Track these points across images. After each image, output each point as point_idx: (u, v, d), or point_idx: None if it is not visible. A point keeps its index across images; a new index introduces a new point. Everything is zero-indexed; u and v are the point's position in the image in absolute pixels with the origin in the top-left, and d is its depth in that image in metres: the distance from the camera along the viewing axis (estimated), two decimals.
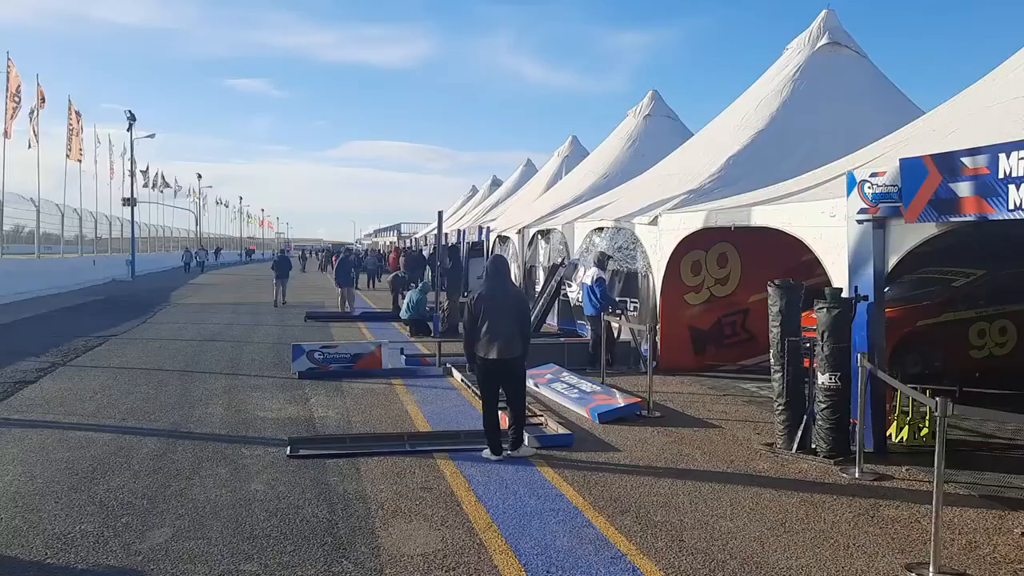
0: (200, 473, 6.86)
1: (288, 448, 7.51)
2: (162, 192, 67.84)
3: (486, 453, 7.39)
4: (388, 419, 9.04)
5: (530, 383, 10.66)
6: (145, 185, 60.11)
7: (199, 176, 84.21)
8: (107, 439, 7.99)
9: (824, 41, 14.81)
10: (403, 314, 17.71)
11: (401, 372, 12.00)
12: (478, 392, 8.16)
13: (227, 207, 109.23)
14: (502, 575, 4.82)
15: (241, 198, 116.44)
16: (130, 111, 45.16)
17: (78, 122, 38.97)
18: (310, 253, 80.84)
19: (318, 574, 4.80)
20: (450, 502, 6.14)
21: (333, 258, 42.95)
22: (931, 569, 4.81)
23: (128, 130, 46.04)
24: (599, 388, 10.25)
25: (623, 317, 13.02)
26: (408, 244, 53.81)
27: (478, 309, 7.41)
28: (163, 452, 7.51)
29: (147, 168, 60.97)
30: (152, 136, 52.44)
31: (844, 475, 6.91)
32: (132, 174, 47.54)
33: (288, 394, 10.40)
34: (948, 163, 6.21)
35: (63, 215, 33.73)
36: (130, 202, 45.52)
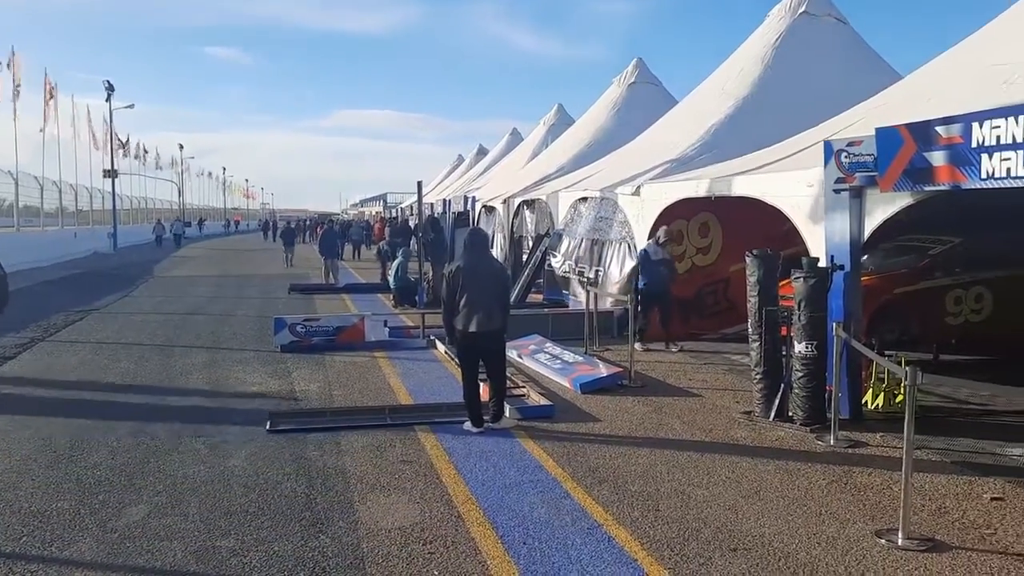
0: (179, 449, 6.86)
1: (268, 423, 7.51)
2: (144, 163, 67.18)
3: (467, 425, 7.42)
4: (370, 392, 9.05)
5: (513, 354, 10.72)
6: (126, 156, 59.49)
7: (181, 147, 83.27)
8: (86, 416, 7.96)
9: (804, 8, 14.73)
10: (391, 282, 17.67)
11: (384, 344, 11.99)
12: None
13: (211, 178, 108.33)
14: (479, 547, 4.86)
15: (224, 169, 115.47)
16: (108, 81, 44.48)
17: (53, 94, 38.36)
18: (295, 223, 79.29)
19: (295, 549, 4.83)
20: (430, 475, 6.18)
21: (317, 228, 42.81)
22: (900, 535, 4.88)
23: (107, 100, 45.40)
24: (582, 359, 10.30)
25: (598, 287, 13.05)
26: (394, 214, 53.66)
27: (456, 282, 7.40)
28: (141, 428, 7.51)
29: (127, 139, 60.28)
30: (131, 107, 51.38)
31: (820, 443, 6.99)
32: (112, 145, 46.96)
33: (269, 368, 10.40)
34: (923, 132, 6.21)
35: (42, 188, 33.38)
36: (111, 174, 44.93)
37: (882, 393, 7.94)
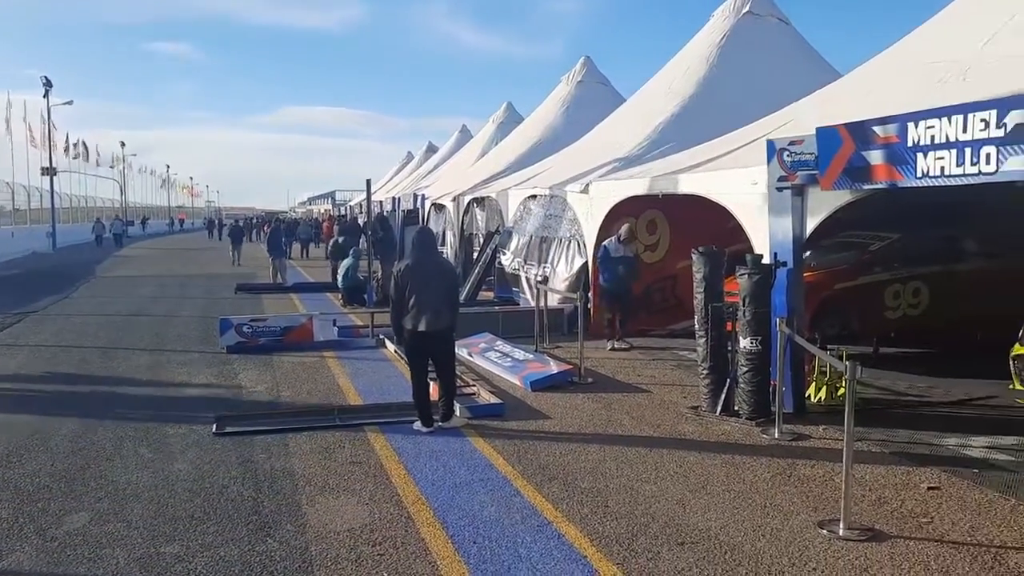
0: (121, 454, 6.71)
1: (214, 425, 7.39)
2: (86, 160, 65.39)
3: (417, 425, 7.40)
4: (318, 393, 8.96)
5: (464, 352, 10.71)
6: (66, 153, 57.87)
7: (122, 144, 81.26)
8: (24, 421, 7.74)
9: (748, 8, 15.00)
10: (340, 283, 17.51)
11: (334, 344, 11.88)
12: None
13: (154, 175, 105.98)
14: (429, 548, 4.86)
15: (168, 166, 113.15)
16: (46, 77, 43.24)
17: None
18: (243, 222, 77.20)
19: (242, 554, 4.77)
20: (379, 476, 6.14)
21: (264, 227, 42.19)
22: (841, 526, 5.01)
23: (44, 96, 44.14)
24: (533, 356, 10.33)
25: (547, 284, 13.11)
26: (343, 212, 53.13)
27: (405, 282, 7.37)
28: (83, 433, 7.32)
29: (67, 136, 58.68)
30: (70, 103, 50.02)
31: (764, 436, 7.12)
32: (50, 142, 45.64)
33: (215, 370, 10.22)
34: (861, 132, 6.37)
35: None
36: (49, 171, 43.69)
37: (824, 387, 8.12)
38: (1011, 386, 7.23)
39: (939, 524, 5.15)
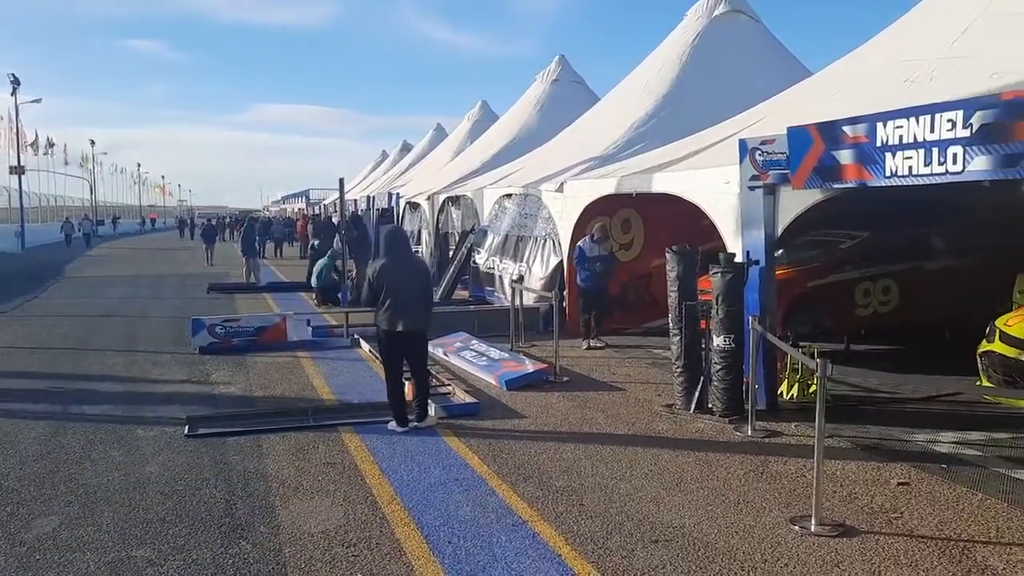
0: (92, 457, 6.63)
1: (186, 427, 7.32)
2: (52, 158, 64.41)
3: (392, 425, 7.37)
4: (292, 393, 8.91)
5: (439, 351, 10.69)
6: (35, 151, 56.96)
7: (92, 143, 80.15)
8: None
9: (721, 8, 15.11)
10: (313, 282, 17.41)
11: (308, 344, 11.81)
12: None
13: (124, 174, 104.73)
14: (403, 548, 4.84)
15: (139, 165, 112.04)
16: (13, 74, 42.56)
17: None
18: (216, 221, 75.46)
19: (215, 556, 4.73)
20: (354, 476, 6.12)
21: (237, 226, 41.81)
22: (813, 522, 5.07)
23: (12, 94, 43.47)
24: (508, 355, 10.33)
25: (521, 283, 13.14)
26: (317, 211, 52.77)
27: (379, 283, 7.34)
28: (52, 435, 7.22)
29: (36, 134, 57.74)
30: (39, 101, 49.27)
31: (738, 433, 7.18)
32: (19, 141, 44.90)
33: (187, 371, 10.12)
34: (831, 132, 6.43)
35: None
36: (17, 170, 43.07)
37: (796, 384, 8.20)
38: (978, 382, 7.34)
39: (908, 519, 5.22)
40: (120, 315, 15.90)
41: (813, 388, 8.12)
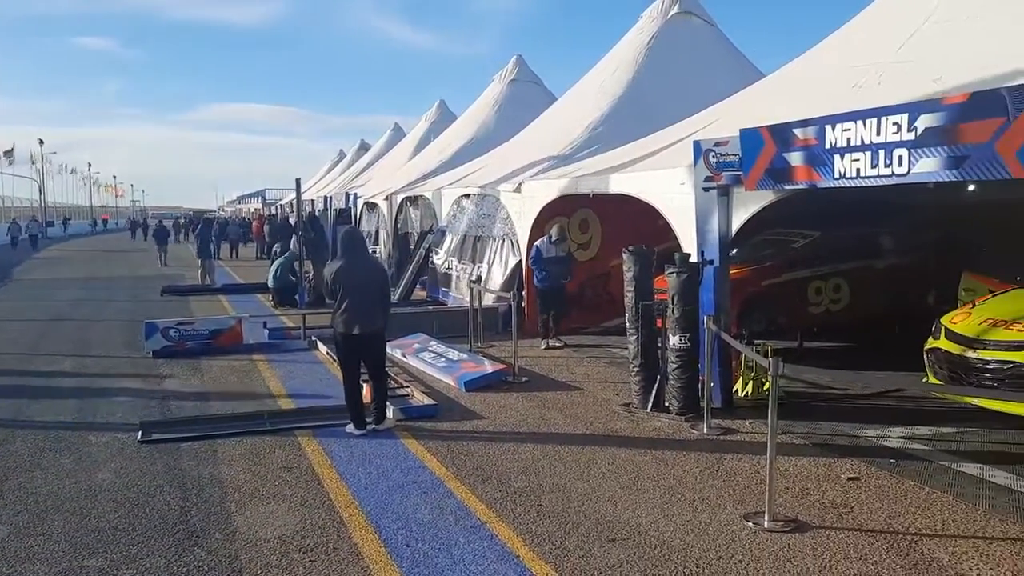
0: (42, 464, 6.49)
1: (139, 433, 7.20)
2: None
3: (350, 428, 7.33)
4: (249, 397, 8.81)
5: (397, 353, 10.66)
6: None
7: (41, 142, 78.18)
8: None
9: (675, 10, 15.28)
10: (270, 283, 17.22)
11: (264, 347, 11.68)
12: None
13: (75, 174, 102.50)
14: (361, 553, 4.83)
15: (90, 164, 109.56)
16: None
17: None
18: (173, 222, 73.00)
19: (168, 564, 4.66)
20: (311, 481, 6.07)
21: (192, 227, 41.17)
22: (766, 518, 5.16)
23: None
24: (467, 356, 10.33)
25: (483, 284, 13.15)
26: (274, 211, 52.18)
27: (336, 285, 7.29)
28: (0, 443, 7.05)
29: None
30: None
31: (694, 431, 7.27)
32: None
33: (141, 375, 9.94)
34: (782, 134, 6.55)
35: None
36: None
37: (751, 382, 8.32)
38: (925, 379, 7.53)
39: (858, 513, 5.34)
40: (71, 319, 15.57)
41: (767, 386, 8.25)
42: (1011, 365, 6.65)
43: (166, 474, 6.22)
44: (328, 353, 10.78)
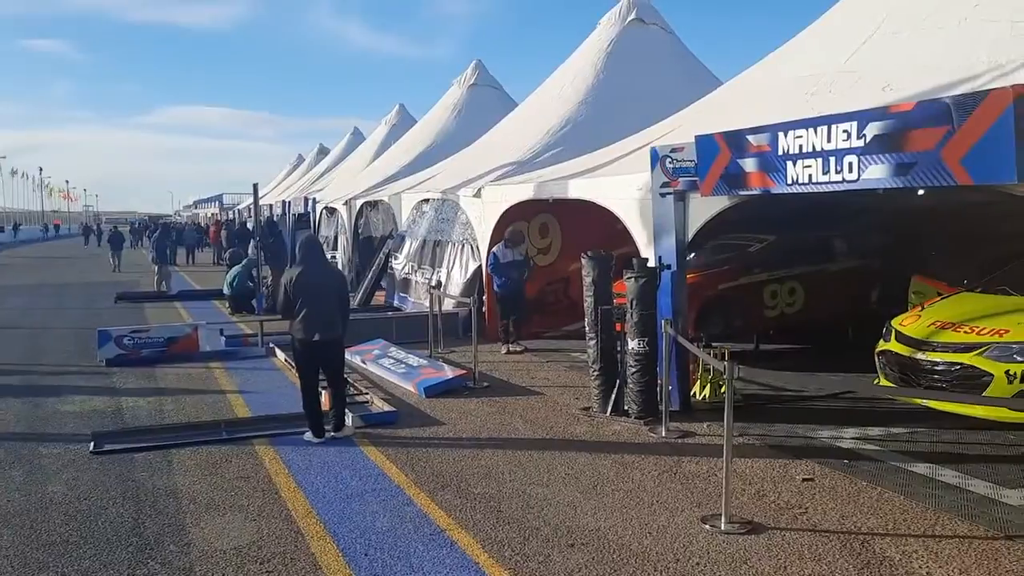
0: None
1: (92, 444, 7.06)
2: None
3: (308, 436, 7.27)
4: (205, 406, 8.68)
5: (357, 359, 10.59)
6: None
7: None
8: None
9: (632, 17, 15.42)
10: (225, 289, 17.00)
11: (221, 355, 11.52)
12: None
13: (25, 179, 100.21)
14: (319, 563, 4.79)
15: (41, 169, 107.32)
16: None
17: None
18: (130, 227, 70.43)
19: None
20: (268, 490, 6.01)
21: (147, 233, 40.50)
22: (723, 520, 5.22)
23: None
24: (427, 362, 10.30)
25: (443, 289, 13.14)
26: (231, 216, 51.52)
27: (295, 292, 7.22)
28: None
29: None
30: None
31: (652, 435, 7.33)
32: None
33: (93, 384, 9.75)
34: (736, 141, 6.64)
35: None
36: None
37: (709, 384, 8.40)
38: (876, 380, 7.69)
39: (813, 514, 5.43)
40: (21, 327, 15.21)
41: (724, 388, 8.35)
42: (958, 367, 6.82)
43: (119, 486, 6.11)
44: (286, 360, 10.67)
